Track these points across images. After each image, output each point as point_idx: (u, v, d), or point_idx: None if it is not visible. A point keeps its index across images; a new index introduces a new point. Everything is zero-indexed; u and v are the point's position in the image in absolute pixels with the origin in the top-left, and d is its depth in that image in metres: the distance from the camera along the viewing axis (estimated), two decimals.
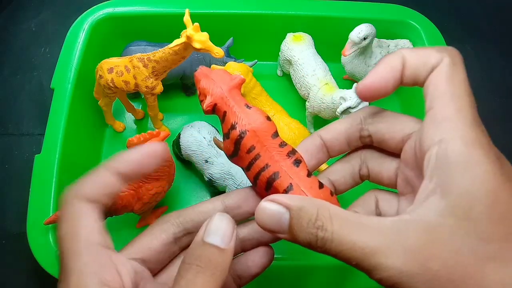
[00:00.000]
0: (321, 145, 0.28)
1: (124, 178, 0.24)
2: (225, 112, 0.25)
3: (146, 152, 0.25)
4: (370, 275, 0.21)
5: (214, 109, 0.26)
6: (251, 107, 0.25)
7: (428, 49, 0.24)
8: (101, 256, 0.22)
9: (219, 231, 0.23)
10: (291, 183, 0.25)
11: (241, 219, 0.28)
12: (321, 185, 0.25)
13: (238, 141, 0.25)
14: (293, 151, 0.25)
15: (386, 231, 0.21)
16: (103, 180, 0.24)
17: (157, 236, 0.26)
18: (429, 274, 0.20)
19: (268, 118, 0.25)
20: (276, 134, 0.25)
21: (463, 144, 0.21)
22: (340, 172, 0.29)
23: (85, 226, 0.22)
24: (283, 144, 0.25)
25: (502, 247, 0.20)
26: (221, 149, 0.49)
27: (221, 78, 0.26)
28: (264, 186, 0.25)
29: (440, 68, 0.23)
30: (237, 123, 0.25)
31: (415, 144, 0.24)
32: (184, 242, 0.27)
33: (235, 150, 0.25)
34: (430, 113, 0.22)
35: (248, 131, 0.24)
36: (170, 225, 0.27)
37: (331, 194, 0.26)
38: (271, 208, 0.22)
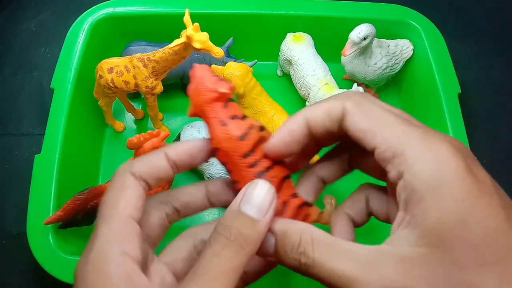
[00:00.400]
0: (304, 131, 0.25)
1: (175, 166, 0.25)
2: (206, 122, 0.26)
3: (198, 145, 0.26)
4: None
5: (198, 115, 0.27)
6: (231, 122, 0.25)
7: (326, 103, 0.24)
8: (129, 229, 0.22)
9: (257, 200, 0.22)
10: None
11: (221, 206, 0.28)
12: (294, 196, 0.25)
13: (213, 153, 0.26)
14: (267, 169, 0.25)
15: (364, 261, 0.21)
16: (157, 163, 0.25)
17: (153, 214, 0.26)
18: None
19: (245, 135, 0.24)
20: (249, 153, 0.24)
21: (429, 168, 0.20)
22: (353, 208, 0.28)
23: (125, 198, 0.23)
24: (255, 164, 0.24)
25: (478, 274, 0.19)
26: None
27: (208, 86, 0.25)
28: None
29: (349, 115, 0.23)
30: (212, 138, 0.25)
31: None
32: (173, 219, 0.28)
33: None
34: (384, 154, 0.22)
35: (218, 149, 0.25)
36: (161, 203, 0.27)
37: (301, 206, 0.25)
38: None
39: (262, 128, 0.25)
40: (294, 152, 0.25)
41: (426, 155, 0.21)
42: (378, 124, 0.22)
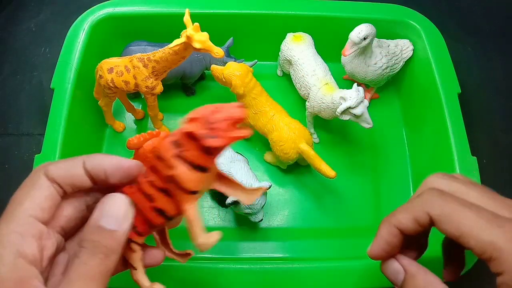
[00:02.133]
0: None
1: (92, 178, 0.26)
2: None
3: (118, 164, 0.26)
4: None
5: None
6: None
7: (411, 210, 0.29)
8: (29, 228, 0.23)
9: (113, 212, 0.24)
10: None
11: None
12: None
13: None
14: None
15: None
16: (73, 170, 0.25)
17: (73, 204, 0.27)
18: None
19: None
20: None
21: None
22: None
23: (32, 198, 0.24)
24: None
25: None
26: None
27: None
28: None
29: (439, 224, 0.27)
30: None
31: None
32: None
33: None
34: (481, 256, 0.26)
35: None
36: (81, 193, 0.27)
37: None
38: (393, 264, 0.30)
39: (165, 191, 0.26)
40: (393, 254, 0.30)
41: None
42: (467, 231, 0.26)
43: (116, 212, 0.24)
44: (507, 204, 0.28)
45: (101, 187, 0.27)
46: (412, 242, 0.32)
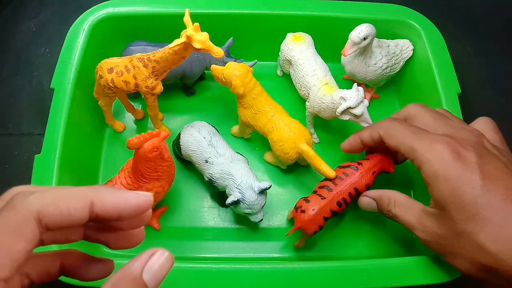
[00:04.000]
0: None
1: (93, 219, 0.22)
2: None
3: (136, 206, 0.23)
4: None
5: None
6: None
7: (369, 131, 0.47)
8: None
9: (157, 270, 0.22)
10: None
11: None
12: None
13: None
14: None
15: (416, 215, 0.40)
16: (75, 213, 0.21)
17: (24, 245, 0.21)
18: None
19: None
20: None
21: (430, 165, 0.38)
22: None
23: (6, 252, 0.20)
24: None
25: (466, 224, 0.35)
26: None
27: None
28: None
29: (384, 139, 0.45)
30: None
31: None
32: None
33: None
34: (408, 156, 0.41)
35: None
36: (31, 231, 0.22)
37: None
38: (364, 199, 0.46)
39: None
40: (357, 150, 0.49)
41: (428, 156, 0.38)
42: (400, 142, 0.41)
43: (160, 273, 0.22)
44: (448, 126, 0.41)
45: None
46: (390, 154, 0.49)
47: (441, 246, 0.38)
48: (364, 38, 0.50)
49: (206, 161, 0.50)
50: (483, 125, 0.43)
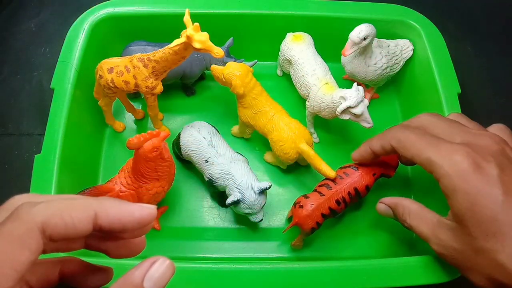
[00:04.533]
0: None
1: (97, 230, 0.22)
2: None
3: (139, 219, 0.23)
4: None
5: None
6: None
7: (379, 140, 0.45)
8: None
9: (158, 278, 0.22)
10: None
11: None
12: None
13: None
14: None
15: (432, 226, 0.38)
16: (79, 225, 0.21)
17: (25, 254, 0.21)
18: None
19: None
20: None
21: (449, 178, 0.35)
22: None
23: (10, 263, 0.19)
24: None
25: (486, 241, 0.33)
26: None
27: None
28: None
29: (397, 150, 0.42)
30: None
31: None
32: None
33: None
34: (426, 168, 0.39)
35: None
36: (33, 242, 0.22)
37: None
38: (381, 206, 0.45)
39: None
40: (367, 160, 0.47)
41: (446, 169, 0.35)
42: (415, 153, 0.38)
43: (162, 281, 0.22)
44: (465, 132, 0.38)
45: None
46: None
47: (457, 260, 0.36)
48: (364, 38, 0.50)
49: (206, 161, 0.50)
50: (499, 133, 0.39)
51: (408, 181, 0.57)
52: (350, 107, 0.47)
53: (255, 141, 0.58)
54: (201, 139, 0.50)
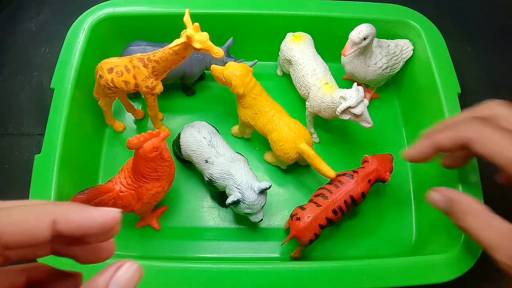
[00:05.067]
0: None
1: (57, 237, 0.21)
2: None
3: (102, 224, 0.22)
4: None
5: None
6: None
7: (452, 133, 0.38)
8: None
9: (125, 283, 0.21)
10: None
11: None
12: None
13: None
14: None
15: (501, 235, 0.33)
16: (38, 232, 0.20)
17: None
18: None
19: None
20: None
21: None
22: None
23: None
24: None
25: None
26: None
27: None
28: None
29: (475, 145, 0.36)
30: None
31: None
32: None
33: None
34: None
35: None
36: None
37: None
38: (437, 196, 0.38)
39: None
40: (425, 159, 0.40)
41: None
42: (498, 151, 0.34)
43: (128, 287, 0.21)
44: None
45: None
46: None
47: None
48: (364, 38, 0.50)
49: (206, 161, 0.50)
50: None
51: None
52: (350, 107, 0.47)
53: (255, 141, 0.58)
54: (201, 139, 0.50)
